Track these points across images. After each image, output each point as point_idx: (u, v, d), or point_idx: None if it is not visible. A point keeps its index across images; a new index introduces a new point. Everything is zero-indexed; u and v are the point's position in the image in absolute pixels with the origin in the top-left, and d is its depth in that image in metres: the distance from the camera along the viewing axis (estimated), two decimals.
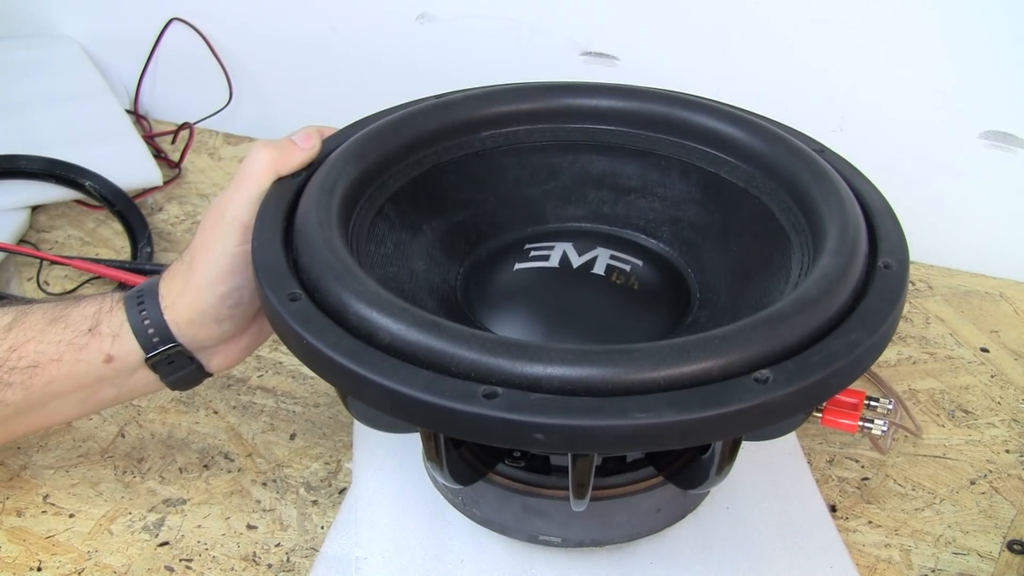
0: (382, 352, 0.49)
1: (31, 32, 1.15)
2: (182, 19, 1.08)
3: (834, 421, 0.59)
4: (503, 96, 0.68)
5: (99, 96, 1.06)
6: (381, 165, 0.64)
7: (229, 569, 0.63)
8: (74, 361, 0.60)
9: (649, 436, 0.47)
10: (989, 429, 0.73)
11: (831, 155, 0.64)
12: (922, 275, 0.89)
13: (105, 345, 0.60)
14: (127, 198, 0.93)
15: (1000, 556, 0.64)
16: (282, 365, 0.78)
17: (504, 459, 0.59)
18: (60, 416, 0.63)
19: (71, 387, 0.61)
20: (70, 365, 0.60)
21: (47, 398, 0.61)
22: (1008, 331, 0.83)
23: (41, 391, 0.60)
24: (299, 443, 0.72)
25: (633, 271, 0.63)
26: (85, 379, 0.61)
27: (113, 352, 0.60)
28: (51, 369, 0.60)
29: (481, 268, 0.65)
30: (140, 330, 0.60)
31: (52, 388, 0.60)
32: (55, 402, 0.61)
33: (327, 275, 0.53)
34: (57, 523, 0.65)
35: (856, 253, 0.55)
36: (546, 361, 0.47)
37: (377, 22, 1.02)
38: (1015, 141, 0.86)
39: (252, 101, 1.11)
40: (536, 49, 0.97)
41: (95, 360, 0.60)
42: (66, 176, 0.93)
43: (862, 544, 0.65)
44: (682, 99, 0.67)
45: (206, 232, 0.60)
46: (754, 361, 0.48)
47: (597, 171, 0.69)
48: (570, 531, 0.60)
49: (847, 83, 0.90)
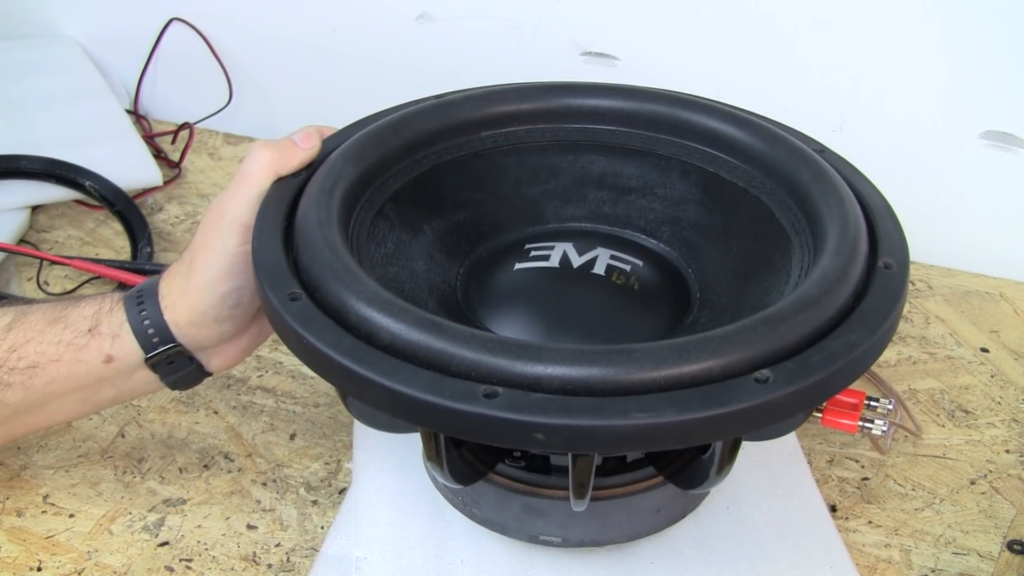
0: (382, 352, 0.49)
1: (31, 32, 1.15)
2: (182, 19, 1.08)
3: (834, 421, 0.59)
4: (503, 96, 0.68)
5: (99, 96, 1.06)
6: (381, 165, 0.64)
7: (229, 569, 0.63)
8: (74, 362, 0.60)
9: (649, 436, 0.47)
10: (989, 429, 0.73)
11: (831, 155, 0.64)
12: (922, 275, 0.89)
13: (105, 345, 0.60)
14: (127, 198, 0.93)
15: (1000, 556, 0.64)
16: (282, 365, 0.78)
17: (504, 459, 0.59)
18: (60, 416, 0.63)
19: (71, 387, 0.61)
20: (70, 365, 0.60)
21: (47, 398, 0.61)
22: (1008, 331, 0.83)
23: (41, 391, 0.60)
24: (299, 443, 0.72)
25: (633, 271, 0.63)
26: (85, 379, 0.61)
27: (113, 352, 0.60)
28: (51, 369, 0.60)
29: (481, 268, 0.65)
30: (140, 330, 0.60)
31: (52, 388, 0.60)
32: (55, 402, 0.61)
33: (327, 275, 0.53)
34: (57, 523, 0.65)
35: (856, 253, 0.55)
36: (547, 361, 0.47)
37: (377, 22, 1.02)
38: (1015, 141, 0.86)
39: (252, 101, 1.11)
40: (536, 49, 0.98)
41: (95, 360, 0.60)
42: (66, 176, 0.93)
43: (862, 544, 0.65)
44: (682, 99, 0.67)
45: (206, 232, 0.60)
46: (754, 361, 0.48)
47: (597, 171, 0.69)
48: (570, 531, 0.60)
49: (847, 83, 0.90)
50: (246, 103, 1.10)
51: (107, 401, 0.63)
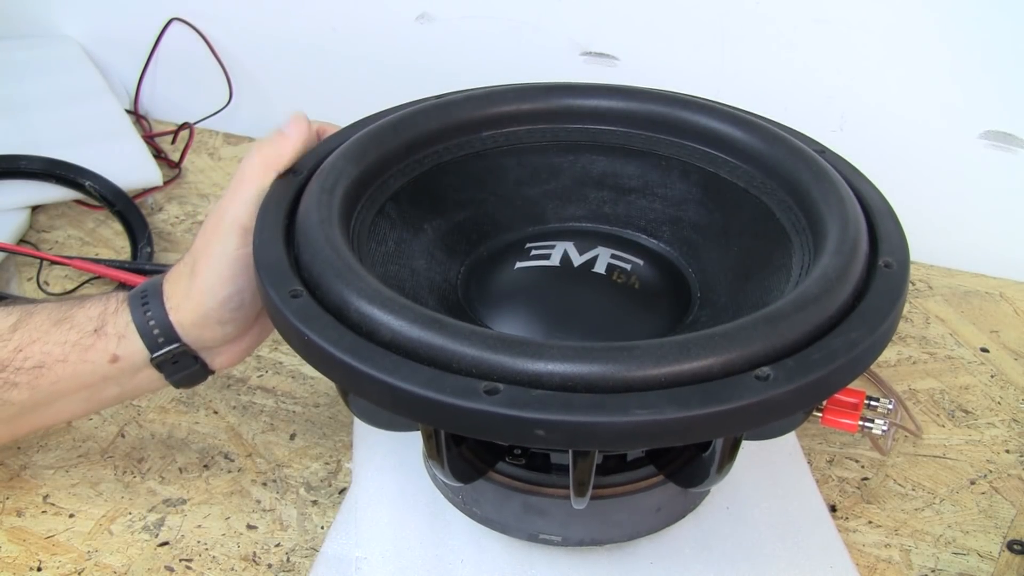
0: (383, 349, 0.49)
1: (31, 32, 1.15)
2: (182, 19, 1.08)
3: (834, 421, 0.59)
4: (504, 96, 0.68)
5: (99, 96, 1.06)
6: (382, 164, 0.64)
7: (229, 569, 0.63)
8: (80, 361, 0.60)
9: (650, 433, 0.47)
10: (989, 429, 0.73)
11: (831, 155, 0.64)
12: (922, 275, 0.89)
13: (111, 346, 0.60)
14: (127, 198, 0.93)
15: (1000, 556, 0.64)
16: (282, 365, 0.78)
17: (505, 457, 0.59)
18: (63, 415, 0.63)
19: (76, 386, 0.61)
20: (76, 365, 0.60)
21: (52, 397, 0.61)
22: (1008, 331, 0.83)
23: (47, 391, 0.60)
24: (299, 443, 0.71)
25: (634, 270, 0.63)
26: (90, 379, 0.61)
27: (119, 352, 0.60)
28: (57, 369, 0.60)
29: (482, 267, 0.65)
30: (145, 331, 0.61)
31: (57, 388, 0.60)
32: (60, 401, 0.62)
33: (328, 272, 0.53)
34: (57, 523, 0.65)
35: (856, 252, 0.55)
36: (547, 358, 0.47)
37: (377, 22, 1.02)
38: (1015, 141, 0.86)
39: (252, 101, 1.11)
40: (536, 49, 0.98)
41: (101, 360, 0.60)
42: (66, 176, 0.93)
43: (862, 544, 0.65)
44: (682, 99, 0.67)
45: (207, 236, 0.61)
46: (755, 359, 0.48)
47: (597, 171, 0.69)
48: (570, 530, 0.60)
49: (847, 83, 0.90)
50: (246, 103, 1.10)
51: (111, 399, 0.63)
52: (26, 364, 0.59)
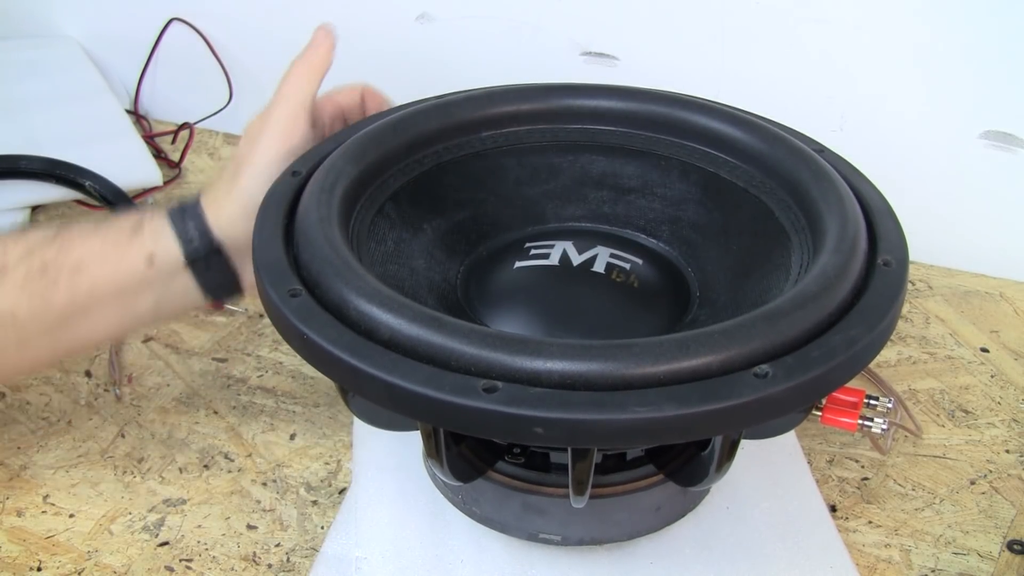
0: (382, 347, 0.49)
1: (31, 32, 1.15)
2: (182, 19, 1.08)
3: (834, 419, 0.59)
4: (504, 96, 0.68)
5: (99, 96, 1.06)
6: (382, 164, 0.64)
7: (229, 569, 0.62)
8: (117, 261, 0.62)
9: (649, 430, 0.47)
10: (989, 429, 0.73)
11: (831, 155, 0.64)
12: (922, 275, 0.89)
13: (148, 244, 0.62)
14: (127, 198, 0.93)
15: (1000, 556, 0.64)
16: (282, 365, 0.78)
17: (504, 456, 0.59)
18: (100, 328, 0.64)
19: (113, 290, 0.62)
20: (114, 265, 0.62)
21: (90, 303, 0.62)
22: (1008, 331, 0.83)
23: (85, 295, 0.61)
24: (299, 443, 0.71)
25: (633, 269, 0.63)
26: (127, 282, 0.62)
27: (155, 249, 0.62)
28: (94, 270, 0.61)
29: (481, 266, 0.65)
30: (181, 229, 0.63)
31: (95, 292, 0.62)
32: (96, 311, 0.62)
33: (327, 271, 0.53)
34: (57, 523, 0.65)
35: (855, 250, 0.55)
36: (546, 355, 0.47)
37: (377, 22, 1.02)
38: (1015, 141, 0.86)
39: (252, 101, 1.10)
40: (536, 49, 0.98)
41: (137, 260, 0.62)
42: (66, 176, 0.93)
43: (862, 544, 0.65)
44: (681, 99, 0.67)
45: (251, 138, 0.65)
46: (754, 356, 0.48)
47: (597, 171, 0.69)
48: (570, 529, 0.60)
49: (847, 83, 0.90)
50: (246, 103, 1.10)
51: (146, 313, 0.64)
52: (67, 262, 0.61)
